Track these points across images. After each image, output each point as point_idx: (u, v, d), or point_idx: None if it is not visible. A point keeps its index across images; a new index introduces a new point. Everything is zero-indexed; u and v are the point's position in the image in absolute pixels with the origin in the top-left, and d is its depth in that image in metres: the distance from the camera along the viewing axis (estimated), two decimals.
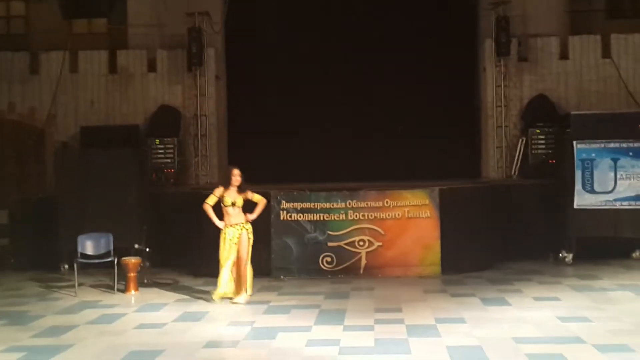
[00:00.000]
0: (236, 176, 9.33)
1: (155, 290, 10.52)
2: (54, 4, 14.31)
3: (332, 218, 11.19)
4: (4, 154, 14.96)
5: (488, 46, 14.39)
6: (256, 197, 9.53)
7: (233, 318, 8.63)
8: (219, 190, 9.38)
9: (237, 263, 9.30)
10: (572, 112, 12.76)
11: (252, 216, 9.49)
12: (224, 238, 9.29)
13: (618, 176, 11.79)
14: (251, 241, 9.38)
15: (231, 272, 9.28)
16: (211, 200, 9.39)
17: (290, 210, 11.09)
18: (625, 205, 11.78)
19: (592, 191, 11.85)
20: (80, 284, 10.45)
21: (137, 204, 12.18)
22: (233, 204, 9.28)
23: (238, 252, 9.27)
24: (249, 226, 9.39)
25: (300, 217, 11.17)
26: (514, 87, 14.41)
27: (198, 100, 14.60)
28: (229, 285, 9.27)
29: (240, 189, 9.35)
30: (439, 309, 8.86)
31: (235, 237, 9.26)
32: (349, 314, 8.64)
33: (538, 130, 13.88)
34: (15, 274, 12.16)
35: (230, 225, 9.29)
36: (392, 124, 14.84)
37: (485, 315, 8.49)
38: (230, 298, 9.32)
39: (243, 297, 9.31)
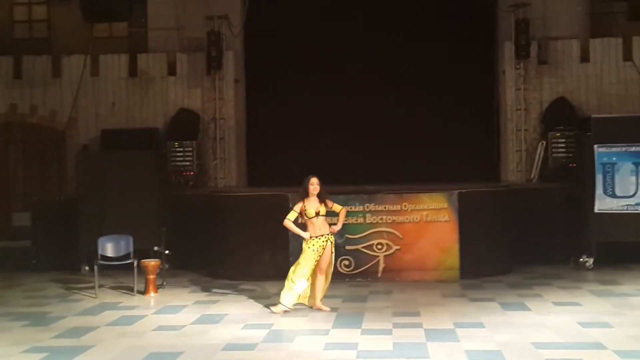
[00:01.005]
0: (315, 185, 9.06)
1: (174, 292, 10.58)
2: (75, 8, 14.44)
3: (350, 221, 11.15)
4: (26, 156, 15.14)
5: (508, 49, 14.32)
6: (337, 207, 9.28)
7: (251, 321, 8.65)
8: (298, 205, 9.09)
9: (315, 272, 9.10)
10: (593, 116, 12.66)
11: (337, 227, 9.27)
12: (308, 249, 9.02)
13: None
14: (333, 254, 9.21)
15: (307, 281, 9.14)
16: (292, 216, 9.09)
17: None
18: None
19: (613, 195, 11.75)
20: (100, 286, 10.55)
21: (157, 206, 12.28)
22: (317, 214, 9.04)
23: (318, 262, 9.07)
24: (333, 238, 9.19)
25: None
26: (534, 90, 14.32)
27: (217, 104, 14.66)
28: (305, 292, 9.18)
29: (320, 198, 9.10)
30: (458, 313, 8.82)
31: (320, 249, 9.03)
32: (367, 318, 8.63)
33: (558, 134, 13.79)
34: (37, 275, 12.29)
35: (316, 237, 9.05)
36: (411, 128, 14.79)
37: (504, 319, 8.45)
38: (304, 304, 9.21)
39: (320, 303, 9.18)
